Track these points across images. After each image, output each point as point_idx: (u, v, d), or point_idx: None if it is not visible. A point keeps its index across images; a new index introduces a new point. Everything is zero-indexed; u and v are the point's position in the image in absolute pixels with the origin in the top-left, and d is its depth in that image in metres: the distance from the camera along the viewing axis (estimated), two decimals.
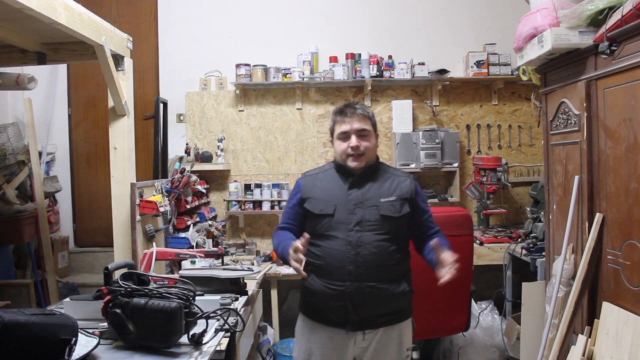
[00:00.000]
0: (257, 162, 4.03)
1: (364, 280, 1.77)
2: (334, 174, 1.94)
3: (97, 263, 3.97)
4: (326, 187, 1.91)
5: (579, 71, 2.20)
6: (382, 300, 1.81)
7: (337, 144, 1.92)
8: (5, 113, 3.89)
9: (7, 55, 2.63)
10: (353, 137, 1.87)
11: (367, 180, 1.89)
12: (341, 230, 1.81)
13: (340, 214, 1.83)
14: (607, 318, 1.93)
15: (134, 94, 2.83)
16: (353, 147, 1.86)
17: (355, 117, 1.88)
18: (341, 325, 1.82)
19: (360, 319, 1.80)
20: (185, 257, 2.54)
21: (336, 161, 1.96)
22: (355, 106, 1.92)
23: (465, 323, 2.74)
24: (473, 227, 2.71)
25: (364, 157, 1.88)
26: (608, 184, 2.02)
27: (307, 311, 1.93)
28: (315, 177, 1.97)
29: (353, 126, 1.87)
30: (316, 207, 1.87)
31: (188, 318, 1.54)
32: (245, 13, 4.04)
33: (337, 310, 1.80)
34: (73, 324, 1.38)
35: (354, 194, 1.85)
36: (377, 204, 1.83)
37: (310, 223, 1.89)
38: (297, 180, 2.03)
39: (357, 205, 1.83)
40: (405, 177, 1.95)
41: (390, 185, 1.89)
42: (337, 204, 1.84)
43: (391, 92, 4.02)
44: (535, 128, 3.98)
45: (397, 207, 1.85)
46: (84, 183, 4.14)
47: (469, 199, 3.93)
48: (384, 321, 1.85)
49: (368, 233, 1.80)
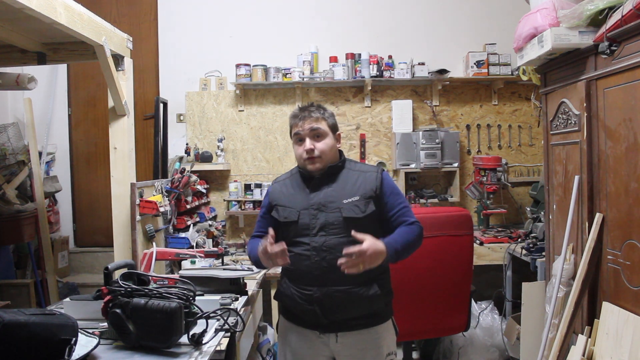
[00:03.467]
0: (257, 162, 4.03)
1: (331, 284, 1.73)
2: (298, 178, 1.90)
3: (97, 263, 3.97)
4: (291, 193, 1.88)
5: (579, 71, 2.20)
6: (352, 303, 1.75)
7: (295, 148, 1.88)
8: (5, 113, 3.89)
9: (7, 55, 2.63)
10: (307, 139, 1.82)
11: (328, 182, 1.83)
12: (306, 235, 1.78)
13: (303, 220, 1.79)
14: (607, 318, 1.93)
15: (134, 94, 2.83)
16: (307, 150, 1.81)
17: (308, 119, 1.83)
18: (313, 327, 1.81)
19: (331, 322, 1.77)
20: (185, 257, 2.54)
21: (298, 166, 1.93)
22: (309, 108, 1.87)
23: (465, 323, 2.74)
24: (473, 227, 2.71)
25: (320, 160, 1.82)
26: (608, 184, 2.02)
27: (284, 313, 1.95)
28: (283, 183, 1.94)
29: (305, 127, 1.82)
30: (282, 214, 1.84)
31: (188, 318, 1.54)
32: (246, 13, 4.04)
33: (308, 313, 1.79)
34: (73, 324, 1.38)
35: (315, 198, 1.81)
36: (340, 206, 1.77)
37: (280, 230, 1.85)
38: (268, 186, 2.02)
39: (319, 210, 1.79)
40: (371, 172, 1.86)
41: (354, 184, 1.82)
42: (300, 210, 1.81)
43: (391, 92, 4.02)
44: (535, 128, 3.98)
45: (360, 207, 1.78)
46: (84, 183, 4.14)
47: (469, 199, 3.93)
48: (357, 324, 1.79)
49: (332, 237, 1.75)
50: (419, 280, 2.55)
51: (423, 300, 2.58)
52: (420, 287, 2.56)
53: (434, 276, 2.57)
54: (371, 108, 4.02)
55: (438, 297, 2.60)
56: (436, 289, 2.60)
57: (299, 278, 1.80)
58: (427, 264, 2.53)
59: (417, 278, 2.55)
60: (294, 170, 1.97)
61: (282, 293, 1.88)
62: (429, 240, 2.51)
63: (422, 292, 2.57)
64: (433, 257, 2.54)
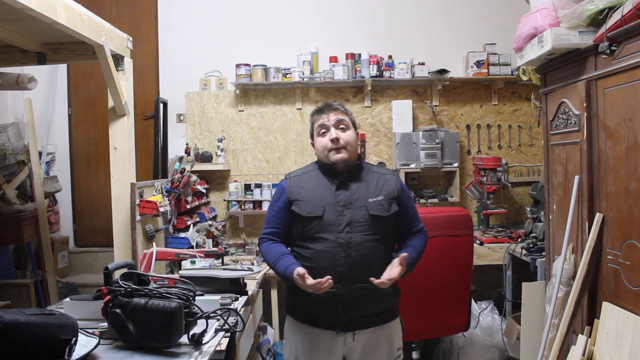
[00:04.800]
0: (257, 162, 4.03)
1: (355, 281, 1.76)
2: (319, 175, 1.91)
3: (97, 263, 3.97)
4: (312, 188, 1.87)
5: (579, 71, 2.20)
6: (372, 300, 1.80)
7: (318, 140, 1.90)
8: (5, 113, 3.89)
9: (7, 55, 2.63)
10: (332, 129, 1.86)
11: (353, 181, 1.87)
12: (331, 232, 1.79)
13: (329, 216, 1.80)
14: (607, 318, 1.93)
15: (134, 94, 2.83)
16: (333, 139, 1.84)
17: (334, 111, 1.89)
18: (331, 326, 1.82)
19: (350, 320, 1.80)
20: (185, 257, 2.54)
21: (320, 162, 1.94)
22: (333, 104, 1.93)
23: (465, 323, 2.74)
24: (473, 227, 2.71)
25: (346, 150, 1.86)
26: (608, 184, 2.02)
27: (295, 313, 1.92)
28: (300, 178, 1.93)
29: (330, 118, 1.88)
30: (304, 209, 1.83)
31: (188, 318, 1.53)
32: (246, 13, 4.04)
33: (328, 312, 1.79)
34: (73, 324, 1.38)
35: (342, 195, 1.83)
36: (366, 204, 1.82)
37: (298, 226, 1.86)
38: (280, 181, 1.99)
39: (345, 207, 1.81)
40: (390, 175, 1.94)
41: (377, 185, 1.88)
42: (325, 206, 1.82)
43: (391, 92, 4.02)
44: (535, 128, 3.98)
45: (385, 206, 1.84)
46: (84, 183, 4.14)
47: (469, 199, 3.93)
48: (373, 321, 1.84)
49: (358, 234, 1.79)
50: (419, 280, 2.54)
51: (423, 300, 2.58)
52: (420, 287, 2.56)
53: (434, 276, 2.57)
54: (371, 108, 4.02)
55: (438, 297, 2.60)
56: (436, 289, 2.59)
57: (320, 275, 1.74)
58: (427, 264, 2.52)
59: (417, 278, 2.53)
60: (309, 166, 1.98)
61: (297, 292, 1.80)
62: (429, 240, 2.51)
63: (422, 292, 2.57)
64: (433, 257, 2.53)
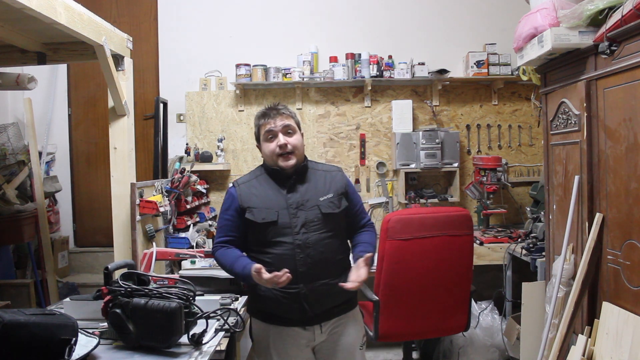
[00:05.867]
0: (257, 162, 4.02)
1: (316, 279, 1.83)
2: (268, 179, 1.94)
3: (97, 263, 3.97)
4: (263, 194, 1.90)
5: (579, 71, 2.20)
6: (334, 294, 1.86)
7: (265, 145, 1.93)
8: (5, 113, 3.89)
9: (7, 55, 2.63)
10: (280, 135, 1.89)
11: (302, 181, 1.92)
12: (287, 234, 1.83)
13: (283, 219, 1.84)
14: (607, 318, 1.93)
15: (134, 94, 2.83)
16: (281, 145, 1.87)
17: (279, 116, 1.91)
18: (298, 323, 1.88)
19: (315, 315, 1.86)
20: (185, 257, 2.54)
21: (267, 166, 1.97)
22: (277, 107, 1.95)
23: (465, 323, 2.74)
24: (473, 227, 2.71)
25: (294, 155, 1.90)
26: (608, 184, 2.02)
27: (260, 315, 1.95)
28: (249, 184, 1.95)
29: (277, 123, 1.90)
30: (258, 216, 1.86)
31: (188, 318, 1.54)
32: (245, 13, 4.04)
33: (294, 311, 1.84)
34: (73, 324, 1.38)
35: (293, 198, 1.88)
36: (318, 204, 1.87)
37: (254, 232, 1.89)
38: (228, 189, 2.01)
39: (298, 208, 1.86)
40: (336, 172, 2.01)
41: (325, 183, 1.94)
42: (278, 210, 1.85)
43: (391, 92, 4.02)
44: (535, 128, 3.98)
45: (336, 202, 1.91)
46: (84, 183, 4.14)
47: (469, 199, 3.93)
48: (337, 311, 1.93)
49: (313, 233, 1.84)
50: (419, 280, 2.55)
51: (423, 300, 2.58)
52: (420, 287, 2.56)
53: (434, 276, 2.57)
54: (371, 108, 4.02)
55: (438, 297, 2.60)
56: (436, 289, 2.59)
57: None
58: (427, 264, 2.53)
59: (417, 278, 2.55)
60: (256, 171, 2.02)
61: (260, 296, 1.88)
62: (429, 240, 2.53)
63: (422, 292, 2.57)
64: (433, 257, 2.54)
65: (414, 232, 2.49)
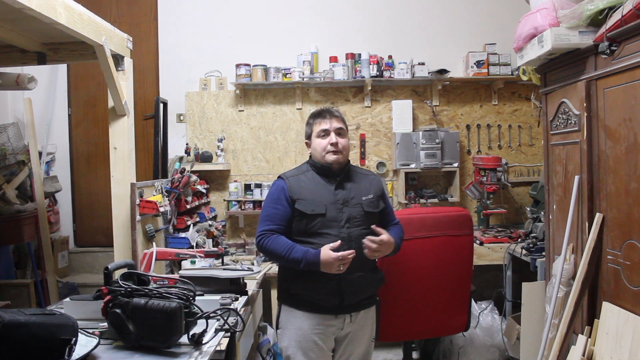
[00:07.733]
0: (257, 162, 4.03)
1: (355, 271, 1.97)
2: (315, 176, 2.10)
3: (97, 263, 3.97)
4: (312, 188, 2.06)
5: (579, 71, 2.20)
6: (367, 286, 2.06)
7: (317, 142, 2.11)
8: (5, 113, 3.89)
9: (7, 55, 2.63)
10: (333, 134, 2.08)
11: (348, 181, 2.10)
12: (333, 227, 2.00)
13: (331, 213, 2.01)
14: (607, 318, 1.93)
15: (134, 94, 2.83)
16: (333, 143, 2.07)
17: (335, 118, 2.12)
18: (331, 311, 2.01)
19: (348, 304, 2.02)
20: (185, 257, 2.54)
21: (314, 163, 2.13)
22: (332, 110, 2.16)
23: (465, 323, 2.74)
24: (473, 227, 2.72)
25: (342, 154, 2.09)
26: (608, 184, 2.02)
27: (293, 302, 2.06)
28: (298, 178, 2.10)
29: (332, 125, 2.10)
30: (308, 207, 2.01)
31: (188, 318, 1.54)
32: (245, 13, 4.04)
33: (329, 299, 1.99)
34: (73, 324, 1.38)
35: (340, 194, 2.05)
36: (360, 202, 2.06)
37: (300, 223, 2.03)
38: (276, 181, 2.14)
39: (344, 204, 2.03)
40: (373, 176, 2.23)
41: (367, 184, 2.13)
42: (327, 204, 2.01)
43: (391, 92, 4.02)
44: (535, 128, 3.98)
45: (375, 203, 2.10)
46: (84, 183, 4.14)
47: (469, 199, 3.93)
48: (365, 304, 2.11)
49: (356, 228, 2.01)
50: (419, 280, 2.55)
51: (423, 300, 2.58)
52: (420, 287, 2.56)
53: (434, 276, 2.57)
54: (371, 108, 4.02)
55: (438, 297, 2.60)
56: (436, 289, 2.60)
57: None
58: (427, 264, 2.54)
59: (417, 278, 2.55)
60: (303, 167, 2.17)
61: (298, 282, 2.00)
62: (429, 240, 2.53)
63: (422, 292, 2.57)
64: (433, 257, 2.54)
65: (414, 232, 2.49)
